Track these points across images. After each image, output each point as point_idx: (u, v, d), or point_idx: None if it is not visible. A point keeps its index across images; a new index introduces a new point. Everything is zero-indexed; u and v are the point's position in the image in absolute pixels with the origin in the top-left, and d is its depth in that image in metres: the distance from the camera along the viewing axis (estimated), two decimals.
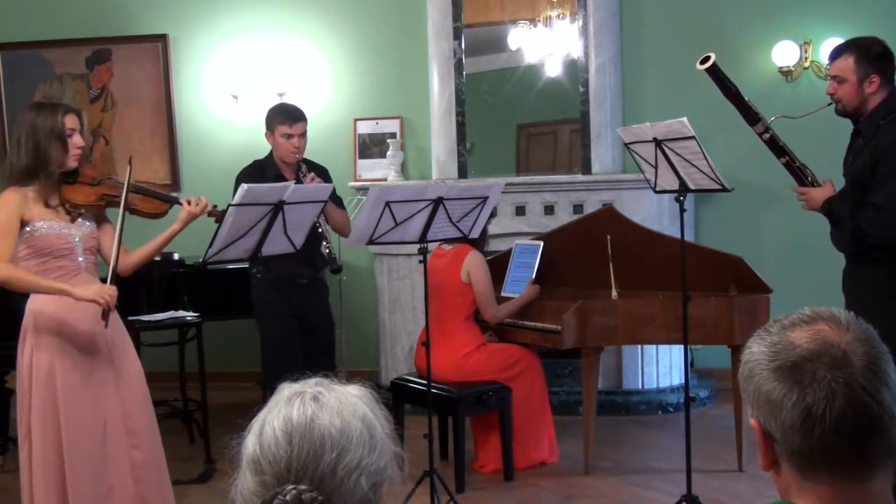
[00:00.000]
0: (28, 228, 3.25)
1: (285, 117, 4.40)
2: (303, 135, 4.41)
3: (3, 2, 6.71)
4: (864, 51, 3.55)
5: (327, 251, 4.14)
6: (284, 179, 4.29)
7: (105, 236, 3.43)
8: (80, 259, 3.33)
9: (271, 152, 4.48)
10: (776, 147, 3.67)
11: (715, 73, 3.54)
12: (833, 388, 1.18)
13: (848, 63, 3.54)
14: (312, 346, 4.50)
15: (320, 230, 4.11)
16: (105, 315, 3.18)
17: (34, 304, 3.32)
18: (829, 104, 3.67)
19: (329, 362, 4.55)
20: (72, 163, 3.33)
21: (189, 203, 3.44)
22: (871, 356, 1.21)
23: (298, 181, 4.26)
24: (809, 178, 3.71)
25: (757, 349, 1.26)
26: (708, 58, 3.52)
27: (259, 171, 4.41)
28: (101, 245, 3.44)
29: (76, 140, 3.32)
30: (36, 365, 3.27)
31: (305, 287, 4.49)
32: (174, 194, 3.61)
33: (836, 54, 3.61)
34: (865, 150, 3.55)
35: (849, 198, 3.59)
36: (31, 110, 3.35)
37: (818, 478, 1.22)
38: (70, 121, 3.30)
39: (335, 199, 4.44)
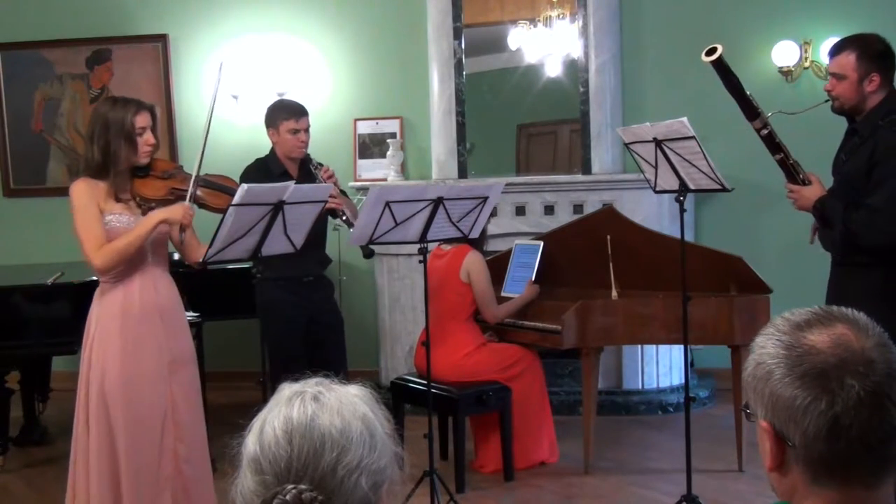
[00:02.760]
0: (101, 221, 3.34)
1: (290, 113, 4.40)
2: (307, 130, 4.42)
3: (2, 2, 6.71)
4: (866, 48, 3.45)
5: (345, 218, 4.11)
6: (290, 176, 4.28)
7: (175, 228, 3.48)
8: (149, 252, 3.42)
9: (273, 150, 4.46)
10: (772, 144, 3.57)
11: (720, 65, 3.47)
12: (861, 398, 1.17)
13: (849, 59, 3.44)
14: (325, 344, 4.49)
15: (345, 217, 4.09)
16: (183, 232, 3.41)
17: (100, 296, 3.42)
18: (826, 101, 3.57)
19: (343, 361, 4.55)
20: (143, 160, 3.42)
21: None
22: (891, 362, 1.20)
23: (310, 174, 4.25)
24: (801, 177, 3.61)
25: (773, 350, 1.24)
26: (714, 49, 3.43)
27: (264, 168, 4.39)
28: (172, 235, 3.51)
29: (147, 138, 3.41)
30: (96, 357, 3.35)
31: (312, 285, 4.48)
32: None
33: (837, 50, 3.50)
34: (862, 150, 3.45)
35: (840, 197, 3.49)
36: (105, 105, 3.45)
37: (831, 483, 1.21)
38: (141, 119, 3.39)
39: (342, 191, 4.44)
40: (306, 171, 4.34)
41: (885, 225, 3.35)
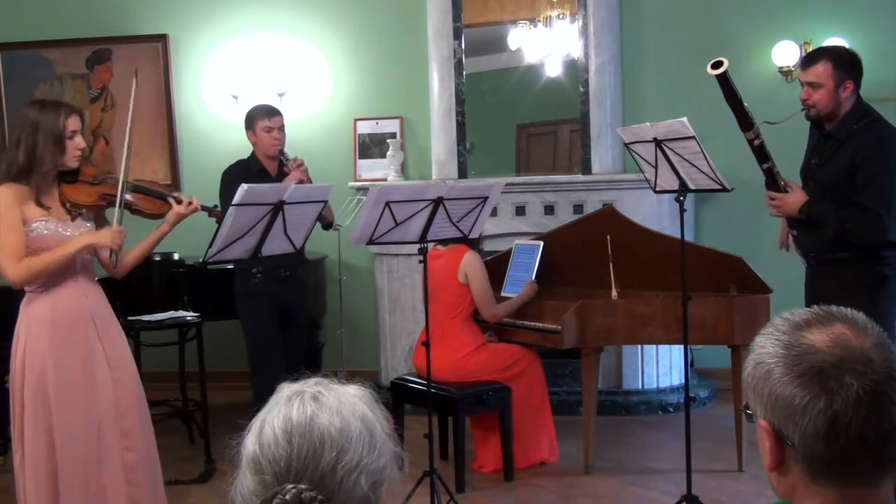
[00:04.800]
0: (25, 229, 3.22)
1: (265, 113, 4.65)
2: (281, 128, 4.64)
3: (2, 2, 6.71)
4: (838, 57, 3.68)
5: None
6: (267, 173, 4.58)
7: (103, 251, 3.40)
8: (77, 263, 3.33)
9: (253, 152, 4.68)
10: (762, 153, 3.73)
11: (724, 79, 3.57)
12: (860, 396, 1.17)
13: (826, 69, 3.64)
14: (289, 340, 4.59)
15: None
16: (114, 254, 3.33)
17: (27, 305, 3.31)
18: (802, 110, 3.75)
19: (300, 355, 4.67)
20: (72, 163, 3.32)
21: (179, 203, 3.43)
22: (890, 361, 1.20)
23: (282, 168, 4.55)
24: (783, 184, 3.80)
25: (772, 349, 1.24)
26: (720, 63, 3.53)
27: (242, 167, 4.62)
28: (100, 256, 3.44)
29: (77, 142, 3.31)
30: (28, 367, 3.25)
31: (287, 280, 4.57)
32: (175, 193, 3.55)
33: (812, 61, 3.71)
34: (840, 153, 3.66)
35: (826, 201, 3.68)
36: (34, 108, 3.31)
37: (830, 483, 1.21)
38: (72, 123, 3.29)
39: None
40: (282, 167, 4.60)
41: (877, 221, 3.58)
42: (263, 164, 4.63)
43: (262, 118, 4.62)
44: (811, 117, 3.76)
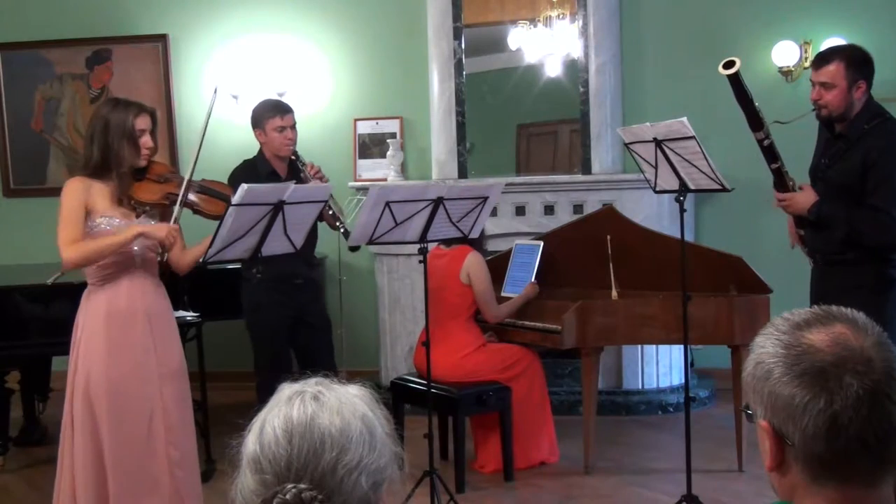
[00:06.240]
0: (88, 222, 3.33)
1: (276, 110, 4.38)
2: (293, 127, 4.40)
3: (2, 2, 6.71)
4: (852, 57, 3.63)
5: (342, 229, 4.13)
6: (278, 175, 4.33)
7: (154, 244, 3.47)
8: (137, 259, 3.40)
9: (261, 150, 4.45)
10: (772, 153, 3.72)
11: (736, 79, 3.56)
12: (860, 396, 1.17)
13: (839, 69, 3.60)
14: (314, 347, 4.50)
15: (331, 211, 4.13)
16: (165, 252, 3.41)
17: (87, 298, 3.42)
18: (812, 110, 3.71)
19: (331, 362, 4.56)
20: (141, 162, 3.43)
21: None
22: (890, 361, 1.21)
23: (298, 173, 4.27)
24: (792, 184, 3.78)
25: (772, 349, 1.24)
26: (732, 62, 3.52)
27: (251, 169, 4.36)
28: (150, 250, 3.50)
29: (146, 140, 3.41)
30: (82, 358, 3.36)
31: (302, 287, 4.47)
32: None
33: (824, 61, 3.66)
34: (852, 153, 3.61)
35: (836, 201, 3.65)
36: (106, 105, 3.45)
37: (831, 482, 1.21)
38: (141, 122, 3.39)
39: None
40: (295, 169, 4.34)
41: (890, 223, 3.54)
42: (273, 164, 4.38)
43: (273, 116, 4.35)
44: (822, 118, 3.71)
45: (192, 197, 3.48)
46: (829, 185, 3.71)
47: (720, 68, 3.55)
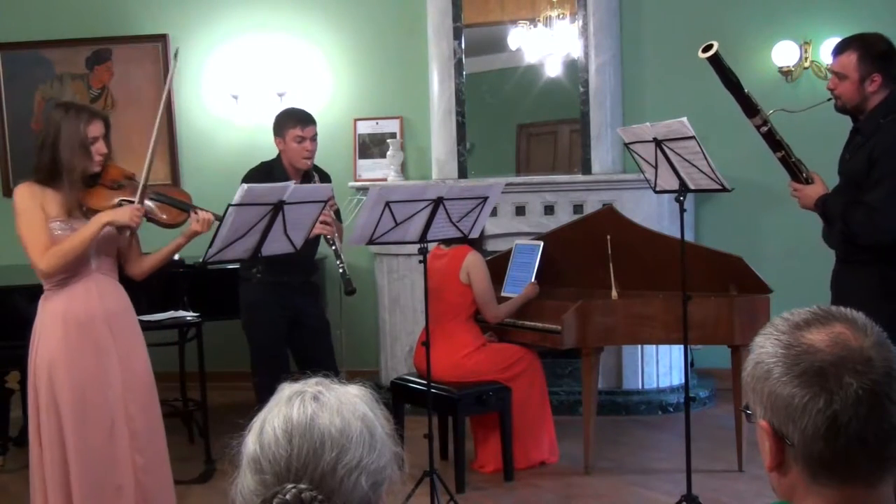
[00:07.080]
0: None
1: (297, 120, 4.33)
2: (314, 138, 4.36)
3: (2, 2, 6.71)
4: (868, 48, 3.45)
5: (341, 271, 4.03)
6: None
7: (123, 238, 3.44)
8: (92, 259, 3.35)
9: (279, 156, 4.41)
10: (773, 141, 3.58)
11: (717, 62, 3.46)
12: (859, 396, 1.17)
13: (851, 59, 3.44)
14: (314, 350, 4.48)
15: (334, 247, 4.09)
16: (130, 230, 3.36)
17: (44, 302, 3.36)
18: (829, 100, 3.57)
19: (332, 363, 4.54)
20: (94, 168, 3.36)
21: (198, 220, 3.44)
22: (889, 361, 1.20)
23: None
24: (804, 175, 3.62)
25: (771, 349, 1.24)
26: (710, 46, 3.43)
27: (267, 172, 4.32)
28: (120, 247, 3.47)
29: (99, 147, 3.34)
30: (39, 364, 3.29)
31: (299, 288, 4.45)
32: (198, 208, 3.53)
33: (840, 49, 3.50)
34: (863, 148, 3.46)
35: (844, 196, 3.50)
36: (58, 111, 3.35)
37: (830, 482, 1.21)
38: (94, 128, 3.32)
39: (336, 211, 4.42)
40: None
41: (884, 223, 3.37)
42: (289, 173, 4.28)
43: (294, 126, 4.29)
44: (838, 108, 3.55)
45: (148, 203, 3.42)
46: (846, 180, 3.55)
47: (699, 52, 3.45)
